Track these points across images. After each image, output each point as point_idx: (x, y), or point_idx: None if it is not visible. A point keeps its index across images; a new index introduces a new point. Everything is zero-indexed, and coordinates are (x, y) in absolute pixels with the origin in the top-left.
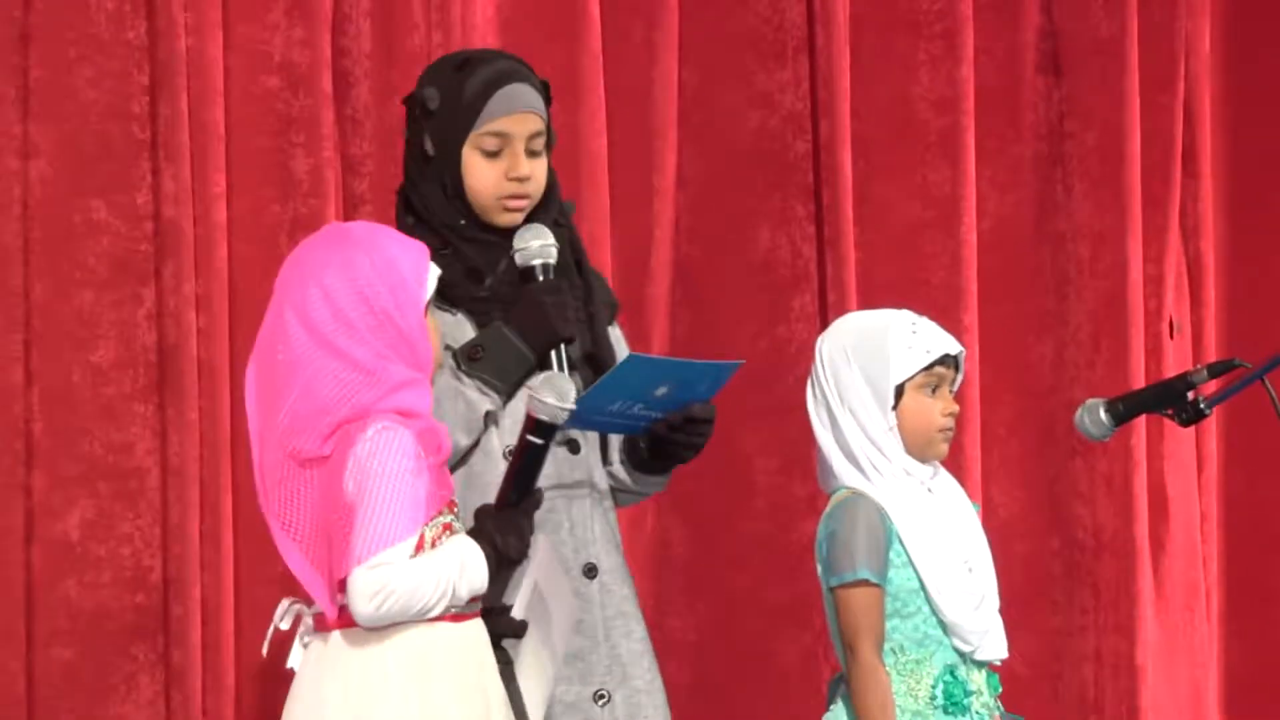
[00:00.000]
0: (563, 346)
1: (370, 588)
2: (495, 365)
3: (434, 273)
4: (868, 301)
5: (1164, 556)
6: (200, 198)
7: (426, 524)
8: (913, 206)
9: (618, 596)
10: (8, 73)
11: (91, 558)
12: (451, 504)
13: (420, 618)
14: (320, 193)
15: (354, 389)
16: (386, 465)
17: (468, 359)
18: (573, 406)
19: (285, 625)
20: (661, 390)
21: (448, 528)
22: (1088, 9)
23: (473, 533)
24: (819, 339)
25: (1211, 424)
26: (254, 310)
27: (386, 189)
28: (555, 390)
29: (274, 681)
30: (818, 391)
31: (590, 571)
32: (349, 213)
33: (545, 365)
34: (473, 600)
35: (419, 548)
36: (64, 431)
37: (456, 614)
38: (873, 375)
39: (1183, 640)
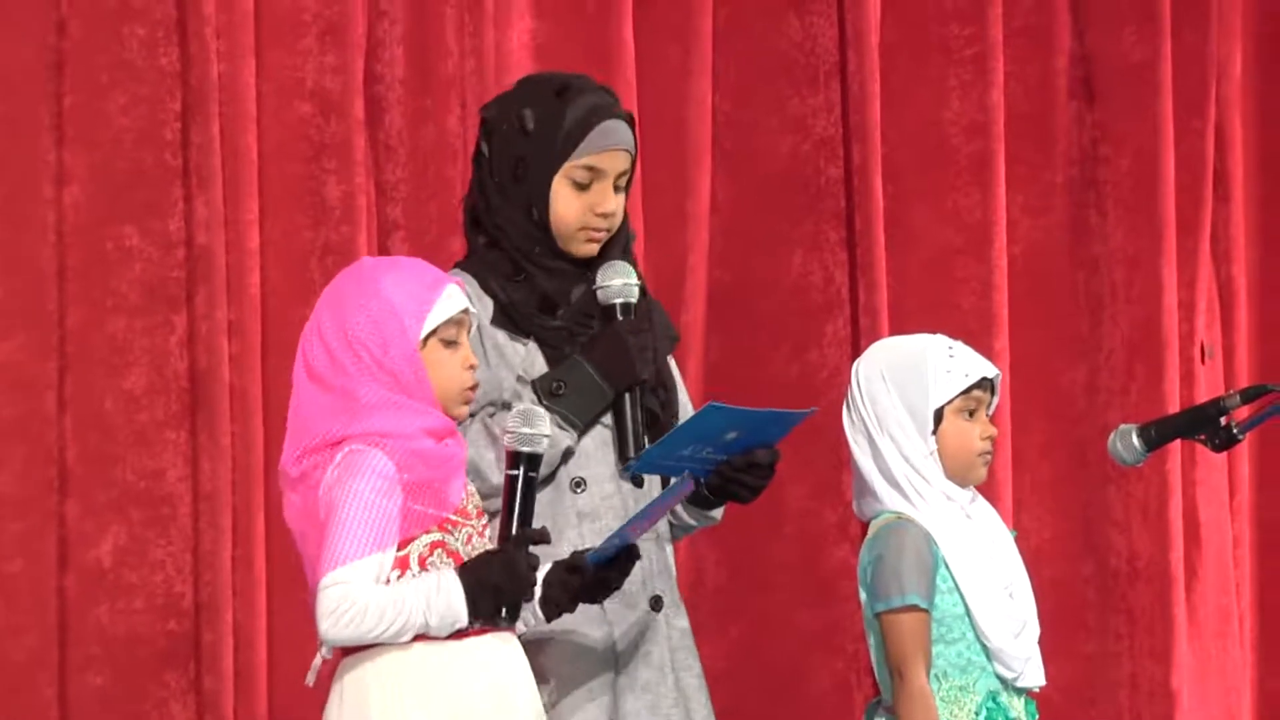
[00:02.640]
0: (637, 388)
1: (326, 606)
2: (576, 402)
3: (446, 304)
4: (899, 327)
5: (1196, 582)
6: (232, 224)
7: (410, 542)
8: (944, 232)
9: (678, 630)
10: (41, 99)
11: (124, 584)
12: (446, 523)
13: (379, 642)
14: (352, 219)
15: (330, 413)
16: (349, 486)
17: (549, 394)
18: (548, 433)
19: (329, 654)
20: (731, 435)
21: (439, 545)
22: (1120, 34)
23: (462, 567)
24: (855, 364)
25: (1243, 449)
26: (286, 336)
27: (420, 215)
28: (527, 421)
29: (307, 707)
30: (855, 417)
31: (656, 604)
32: (382, 239)
33: (620, 405)
34: (468, 629)
35: (404, 566)
36: (96, 458)
37: (440, 637)
38: (911, 400)
39: (1215, 666)
